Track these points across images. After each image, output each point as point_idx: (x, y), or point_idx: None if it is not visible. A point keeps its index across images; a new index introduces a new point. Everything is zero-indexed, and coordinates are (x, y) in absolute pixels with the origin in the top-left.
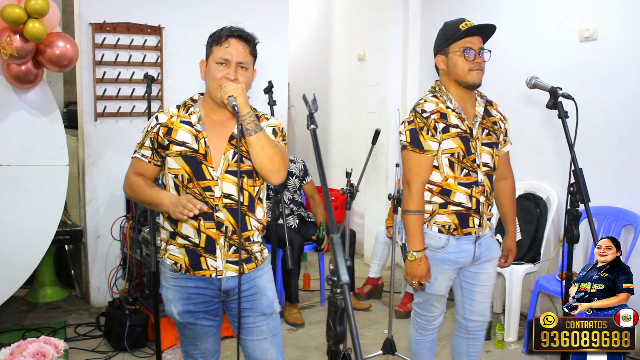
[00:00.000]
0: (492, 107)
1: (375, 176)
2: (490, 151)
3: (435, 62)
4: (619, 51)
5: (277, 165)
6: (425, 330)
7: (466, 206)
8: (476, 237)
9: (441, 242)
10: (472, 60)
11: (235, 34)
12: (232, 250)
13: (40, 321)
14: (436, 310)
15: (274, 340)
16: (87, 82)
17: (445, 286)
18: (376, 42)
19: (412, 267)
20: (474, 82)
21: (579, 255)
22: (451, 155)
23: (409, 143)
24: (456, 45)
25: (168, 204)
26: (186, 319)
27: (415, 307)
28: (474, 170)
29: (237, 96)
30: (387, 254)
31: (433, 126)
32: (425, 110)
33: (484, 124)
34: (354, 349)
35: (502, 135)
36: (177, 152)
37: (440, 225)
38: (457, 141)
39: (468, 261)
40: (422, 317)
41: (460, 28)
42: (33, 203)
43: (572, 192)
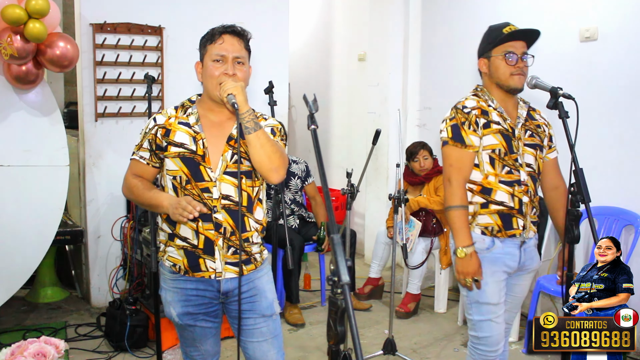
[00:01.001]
0: (535, 112)
1: (375, 176)
2: (534, 152)
3: (477, 65)
4: (620, 51)
5: (277, 164)
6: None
7: (508, 205)
8: (521, 241)
9: (486, 244)
10: (514, 64)
11: (229, 30)
12: (231, 251)
13: (40, 321)
14: (496, 327)
15: (274, 342)
16: (87, 83)
17: (497, 291)
18: (377, 42)
19: (463, 264)
20: (515, 87)
21: (579, 256)
22: (492, 152)
23: (451, 138)
24: (498, 49)
25: (168, 205)
26: (185, 320)
27: (472, 332)
28: (516, 168)
29: (237, 94)
30: (387, 254)
31: (474, 121)
32: (466, 106)
33: (527, 125)
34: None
35: (546, 139)
36: (175, 153)
37: (483, 227)
38: (499, 137)
39: (515, 266)
40: (482, 343)
41: (503, 32)
42: (33, 203)
43: (573, 192)
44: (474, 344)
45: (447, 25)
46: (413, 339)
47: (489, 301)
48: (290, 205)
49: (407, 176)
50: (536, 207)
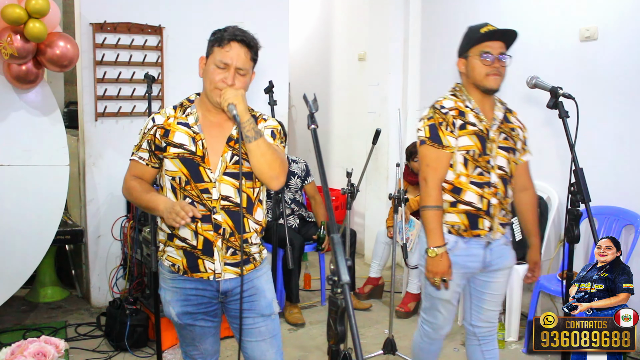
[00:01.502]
0: (511, 114)
1: (375, 176)
2: (507, 155)
3: (456, 66)
4: (620, 51)
5: (277, 172)
6: (430, 338)
7: (476, 206)
8: (487, 242)
9: (450, 244)
10: (490, 64)
11: (238, 37)
12: (230, 252)
13: (41, 321)
14: (441, 316)
15: (273, 342)
16: (87, 82)
17: (451, 291)
18: (377, 42)
19: (433, 263)
20: (491, 87)
21: (579, 255)
22: (466, 153)
23: (428, 138)
24: (475, 49)
25: (163, 209)
26: (185, 320)
27: (422, 312)
28: (488, 170)
29: (237, 104)
30: (387, 254)
31: (451, 122)
32: (443, 106)
33: (502, 128)
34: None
35: (520, 142)
36: (174, 154)
37: (450, 225)
38: (474, 139)
39: (477, 267)
40: (427, 325)
41: (480, 32)
42: (34, 203)
43: (573, 191)
44: (422, 323)
45: (447, 25)
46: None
47: (441, 297)
48: (290, 205)
49: (407, 176)
50: (506, 209)
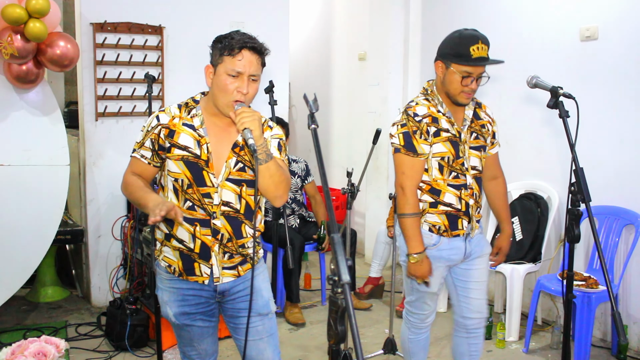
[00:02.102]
0: (481, 109)
1: (376, 176)
2: (479, 154)
3: (434, 62)
4: (620, 50)
5: (282, 192)
6: (418, 328)
7: (456, 207)
8: (465, 235)
9: (432, 240)
10: (468, 85)
11: (249, 45)
12: (227, 256)
13: (41, 321)
14: (428, 308)
15: (270, 341)
16: (88, 82)
17: (437, 283)
18: (377, 42)
19: (415, 268)
20: (462, 103)
21: (580, 255)
22: (441, 159)
23: (403, 146)
24: (459, 67)
25: (152, 207)
26: (182, 320)
27: (408, 305)
28: (463, 173)
29: (254, 129)
30: (388, 254)
31: (425, 130)
32: (417, 113)
33: (473, 127)
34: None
35: (489, 137)
36: (178, 156)
37: (431, 224)
38: (448, 145)
39: (459, 258)
40: (414, 316)
41: (470, 52)
42: (34, 203)
43: (573, 191)
44: (407, 314)
45: (448, 25)
46: None
47: (428, 291)
48: (291, 205)
49: None
50: (480, 206)
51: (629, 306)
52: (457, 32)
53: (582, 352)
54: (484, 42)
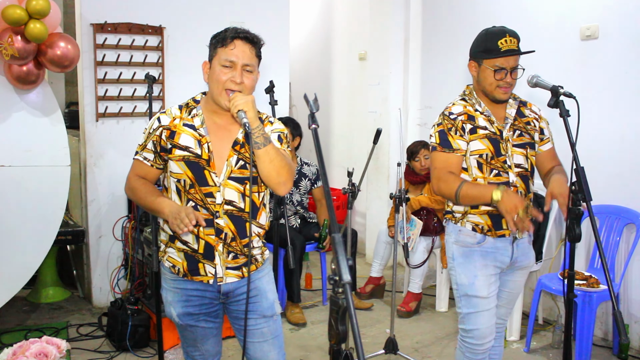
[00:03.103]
0: (525, 107)
1: (376, 175)
2: (524, 152)
3: (468, 65)
4: (621, 50)
5: (285, 178)
6: (474, 353)
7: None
8: (513, 237)
9: (477, 238)
10: (502, 79)
11: (241, 35)
12: (231, 256)
13: (42, 321)
14: (483, 321)
15: (275, 342)
16: (88, 83)
17: (487, 285)
18: (377, 42)
19: (504, 202)
20: (500, 99)
21: (581, 254)
22: (479, 157)
23: (439, 144)
24: (490, 62)
25: (168, 213)
26: (186, 321)
27: (461, 326)
28: (505, 171)
29: (248, 110)
30: (389, 253)
31: (461, 127)
32: (452, 112)
33: (516, 125)
34: (355, 348)
35: (536, 133)
36: (179, 156)
37: (474, 224)
38: (486, 142)
39: (507, 261)
40: (469, 335)
41: (499, 45)
42: (35, 203)
43: (574, 190)
44: (463, 337)
45: (448, 24)
46: (414, 338)
47: (478, 294)
48: (296, 207)
49: (408, 175)
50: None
51: (630, 305)
52: (484, 30)
53: (584, 352)
54: (512, 35)
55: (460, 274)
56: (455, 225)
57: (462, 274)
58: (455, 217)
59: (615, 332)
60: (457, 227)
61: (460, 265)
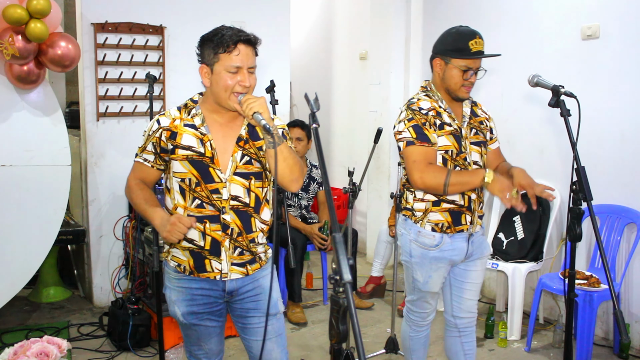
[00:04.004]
0: (477, 107)
1: (377, 175)
2: (479, 150)
3: (431, 61)
4: (622, 49)
5: (297, 175)
6: (418, 326)
7: (459, 204)
8: (469, 234)
9: (435, 240)
10: (468, 79)
11: (243, 38)
12: (237, 252)
13: (43, 321)
14: (429, 306)
15: (278, 341)
16: (89, 82)
17: (439, 283)
18: (378, 41)
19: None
20: (462, 97)
21: (581, 254)
22: (445, 153)
23: (416, 138)
24: (459, 61)
25: (159, 225)
26: (190, 319)
27: (409, 304)
28: (465, 167)
29: (263, 112)
30: (389, 253)
31: (433, 122)
32: (422, 107)
33: (472, 123)
34: (356, 347)
35: (488, 133)
36: (183, 156)
37: (434, 224)
38: (451, 139)
39: (461, 258)
40: (415, 314)
41: (469, 46)
42: (35, 203)
43: (575, 190)
44: (408, 313)
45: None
46: None
47: (430, 290)
48: (301, 210)
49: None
50: (482, 201)
51: (631, 305)
52: (453, 28)
53: (584, 351)
54: (481, 37)
55: (416, 271)
56: (415, 225)
57: (418, 272)
58: (416, 215)
59: (616, 331)
60: (417, 227)
61: (417, 264)
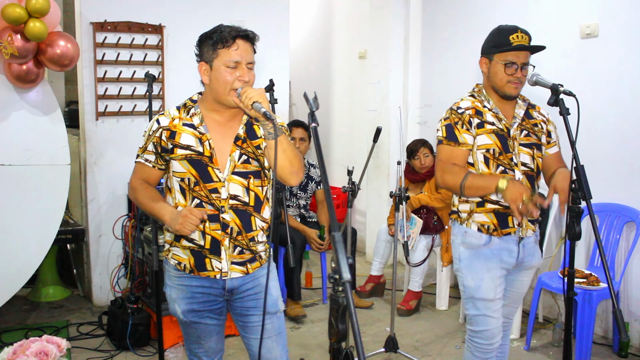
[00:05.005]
0: (534, 110)
1: (376, 174)
2: (530, 152)
3: (479, 62)
4: (620, 48)
5: (297, 168)
6: (483, 352)
7: (504, 205)
8: (519, 237)
9: (483, 240)
10: (513, 74)
11: (242, 34)
12: (237, 251)
13: (42, 320)
14: (492, 321)
15: (278, 339)
16: (88, 82)
17: (493, 288)
18: (377, 40)
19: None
20: (510, 94)
21: (581, 252)
22: (486, 152)
23: (445, 137)
24: (501, 56)
25: (169, 220)
26: (190, 317)
27: (469, 326)
28: (511, 168)
29: (263, 101)
30: (389, 252)
31: (468, 121)
32: (460, 107)
33: (524, 125)
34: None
35: (544, 136)
36: (182, 155)
37: (480, 224)
38: (493, 137)
39: (513, 262)
40: (478, 336)
41: (510, 40)
42: (35, 202)
43: (574, 189)
44: (471, 337)
45: (448, 23)
46: (415, 336)
47: (484, 297)
48: (300, 210)
49: (408, 174)
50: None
51: (630, 303)
52: (496, 27)
53: (584, 350)
54: (524, 32)
55: (466, 277)
56: (461, 226)
57: (469, 277)
58: (461, 217)
59: (616, 330)
60: (463, 228)
61: (466, 267)
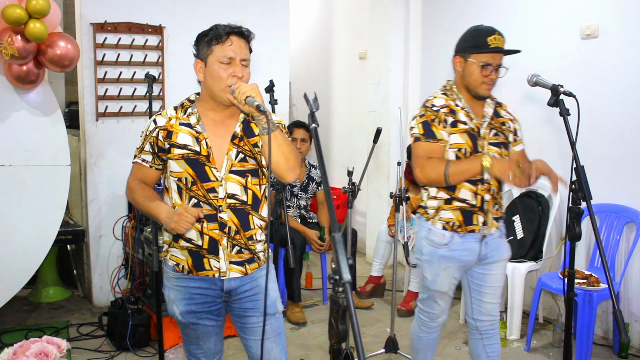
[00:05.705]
0: (501, 108)
1: (376, 175)
2: (499, 151)
3: (452, 60)
4: (620, 48)
5: (293, 163)
6: (427, 327)
7: (470, 203)
8: (482, 235)
9: (445, 239)
10: (488, 75)
11: (236, 30)
12: (235, 250)
13: (42, 321)
14: (438, 307)
15: (277, 340)
16: (88, 82)
17: (447, 283)
18: (377, 41)
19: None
20: (483, 94)
21: (581, 253)
22: (458, 151)
23: (422, 134)
24: (478, 57)
25: (165, 219)
26: (188, 319)
27: (419, 303)
28: None
29: (256, 95)
30: (389, 253)
31: (443, 119)
32: (434, 104)
33: (493, 124)
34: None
35: (511, 134)
36: (178, 155)
37: (445, 222)
38: (465, 137)
39: (473, 260)
40: (425, 314)
41: (488, 42)
42: (35, 203)
43: (574, 189)
44: (419, 312)
45: (448, 23)
46: None
47: (438, 289)
48: (300, 210)
49: (408, 174)
50: (499, 203)
51: (631, 304)
52: (473, 27)
53: (584, 350)
54: (501, 35)
55: (425, 269)
56: (427, 222)
57: (427, 270)
58: (428, 213)
59: (616, 330)
60: (428, 225)
61: (426, 261)
